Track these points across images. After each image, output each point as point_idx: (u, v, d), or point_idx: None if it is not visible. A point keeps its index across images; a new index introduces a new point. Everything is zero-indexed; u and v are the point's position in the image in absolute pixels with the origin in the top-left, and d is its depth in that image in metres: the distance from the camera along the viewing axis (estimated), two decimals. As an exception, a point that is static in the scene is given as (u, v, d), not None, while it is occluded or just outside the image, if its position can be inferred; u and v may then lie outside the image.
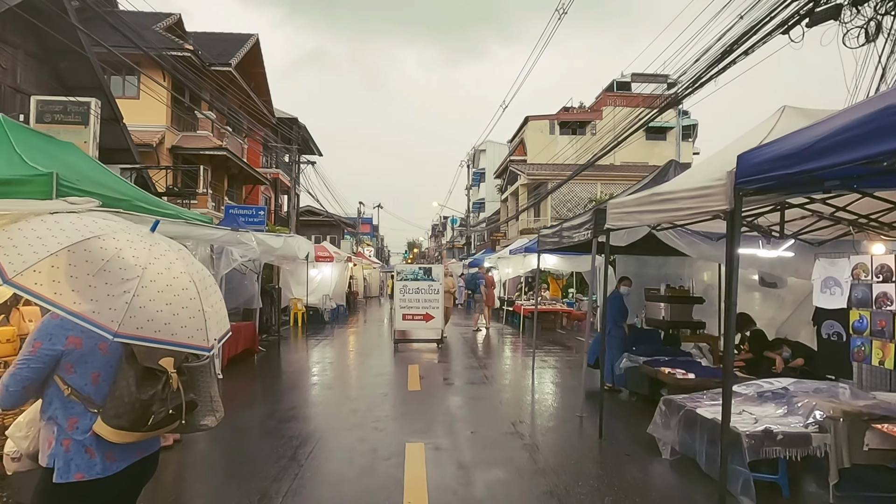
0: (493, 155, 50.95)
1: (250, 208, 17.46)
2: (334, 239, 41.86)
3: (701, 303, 7.42)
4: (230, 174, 24.50)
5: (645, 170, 32.77)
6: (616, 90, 38.61)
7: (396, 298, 10.99)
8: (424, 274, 10.98)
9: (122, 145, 15.52)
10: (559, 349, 11.58)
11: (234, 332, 8.87)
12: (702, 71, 8.19)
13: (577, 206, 29.55)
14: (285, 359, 9.92)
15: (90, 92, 14.22)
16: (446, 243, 69.04)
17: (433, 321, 10.99)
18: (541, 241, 8.45)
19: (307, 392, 6.90)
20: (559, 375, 8.45)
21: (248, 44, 24.53)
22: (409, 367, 8.56)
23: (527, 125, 36.87)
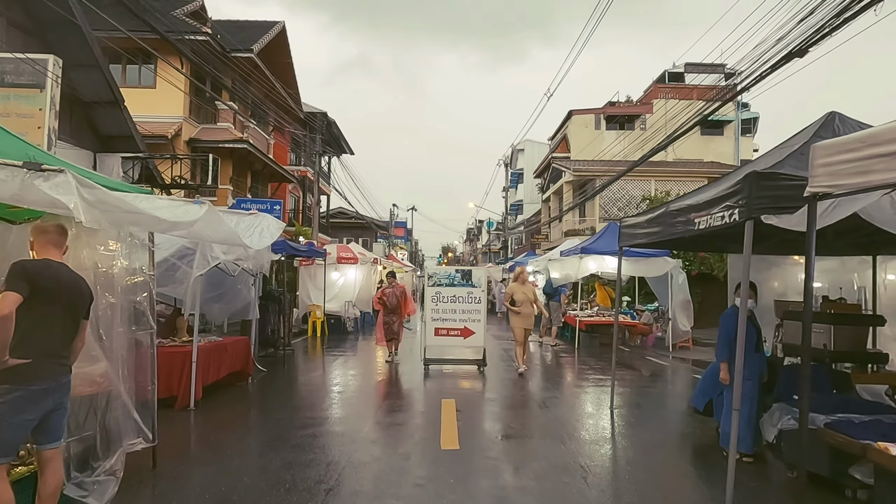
0: (532, 154, 48.49)
1: (265, 202, 15.71)
2: (366, 242, 40.30)
3: (881, 324, 4.96)
4: (254, 170, 22.90)
5: (701, 167, 29.85)
6: (668, 81, 35.66)
7: (428, 308, 8.82)
8: (463, 278, 8.79)
9: (124, 132, 13.88)
10: (632, 375, 9.19)
11: (217, 350, 6.84)
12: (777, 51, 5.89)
13: (628, 205, 26.88)
14: (283, 386, 7.88)
15: (86, 70, 12.64)
16: (482, 247, 66.73)
17: (473, 338, 8.77)
18: (625, 235, 6.14)
19: (289, 451, 4.68)
20: (654, 424, 6.09)
21: (274, 31, 22.91)
22: (443, 404, 6.36)
23: (570, 120, 34.32)
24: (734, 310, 4.68)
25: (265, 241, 5.40)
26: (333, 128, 28.48)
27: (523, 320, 8.66)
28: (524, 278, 8.90)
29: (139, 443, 3.99)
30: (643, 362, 10.60)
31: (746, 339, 4.60)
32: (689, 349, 12.61)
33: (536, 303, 8.79)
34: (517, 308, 8.57)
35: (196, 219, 3.77)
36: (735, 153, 33.98)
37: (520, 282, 8.80)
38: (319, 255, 11.82)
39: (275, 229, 5.57)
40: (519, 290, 8.65)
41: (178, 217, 3.61)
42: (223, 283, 8.05)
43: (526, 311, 8.61)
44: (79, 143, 12.98)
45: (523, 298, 8.57)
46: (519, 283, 8.81)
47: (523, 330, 8.70)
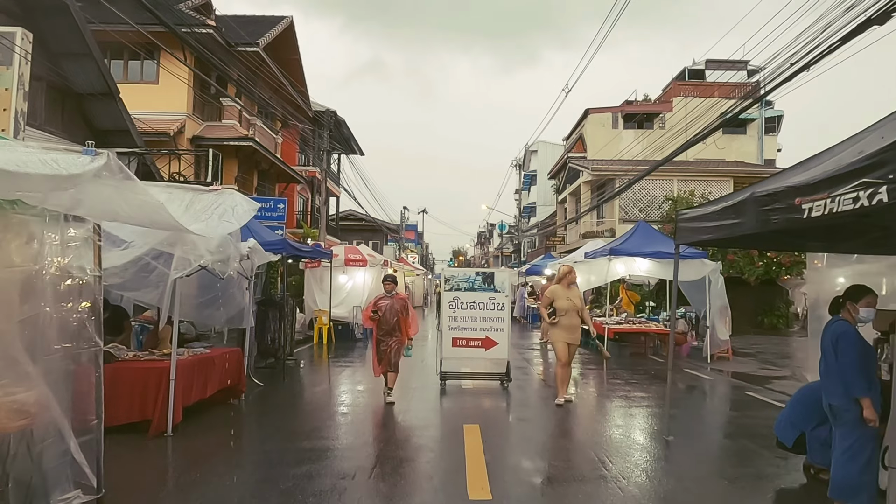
0: (546, 156, 47.45)
1: (268, 200, 14.81)
2: (376, 245, 39.53)
3: None
4: (260, 169, 22.09)
5: (727, 166, 28.60)
6: (688, 79, 34.47)
7: (444, 316, 7.82)
8: (484, 282, 7.78)
9: (120, 126, 13.08)
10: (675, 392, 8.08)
11: (202, 365, 5.64)
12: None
13: (649, 205, 25.72)
14: (280, 405, 6.92)
15: (79, 59, 11.85)
16: (494, 250, 65.65)
17: (496, 349, 7.75)
18: (685, 231, 5.10)
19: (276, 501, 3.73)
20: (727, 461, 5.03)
21: (281, 26, 22.11)
22: (466, 431, 5.35)
23: (586, 119, 33.22)
24: (845, 325, 3.63)
25: (227, 226, 4.38)
26: (343, 128, 27.65)
27: (568, 333, 6.69)
28: (571, 279, 6.91)
29: (75, 497, 3.04)
30: (682, 375, 9.51)
31: (868, 362, 3.57)
32: (728, 360, 11.51)
33: (584, 313, 6.99)
34: (560, 319, 6.67)
35: (77, 174, 2.44)
36: (758, 152, 32.71)
37: (564, 284, 6.85)
38: (325, 256, 10.89)
39: (243, 211, 4.59)
40: (563, 296, 6.71)
41: (29, 168, 2.26)
42: (214, 287, 7.11)
43: (572, 323, 6.69)
44: (70, 137, 12.16)
45: (569, 306, 6.66)
46: (563, 286, 6.85)
47: (567, 346, 6.72)
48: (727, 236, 4.42)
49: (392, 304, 6.79)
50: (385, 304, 6.77)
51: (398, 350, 6.75)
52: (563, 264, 8.10)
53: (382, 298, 6.85)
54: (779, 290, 20.05)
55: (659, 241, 11.87)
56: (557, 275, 7.26)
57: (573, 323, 6.76)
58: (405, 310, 6.83)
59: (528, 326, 18.81)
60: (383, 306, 6.75)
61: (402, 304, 6.86)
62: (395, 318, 6.72)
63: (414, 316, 6.93)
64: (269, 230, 9.32)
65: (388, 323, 6.70)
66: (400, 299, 6.91)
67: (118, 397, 5.22)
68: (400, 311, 6.75)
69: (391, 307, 6.75)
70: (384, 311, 6.71)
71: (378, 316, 6.70)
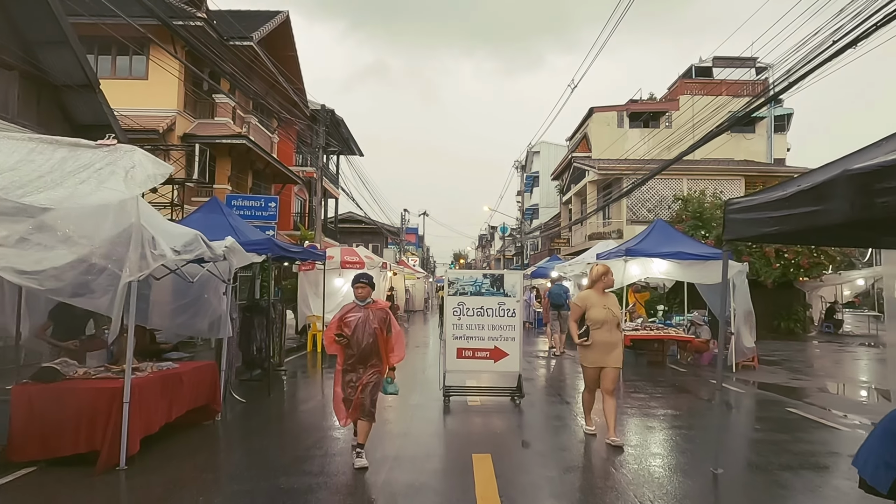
0: (548, 157, 46.77)
1: (258, 198, 14.00)
2: (377, 247, 38.90)
3: None
4: (255, 169, 21.32)
5: (738, 165, 27.77)
6: (695, 77, 33.71)
7: (448, 323, 6.96)
8: (492, 285, 6.92)
9: (101, 120, 12.24)
10: (707, 408, 7.26)
11: (166, 383, 4.28)
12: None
13: (658, 205, 24.87)
14: (261, 427, 6.05)
15: (55, 48, 11.07)
16: (495, 253, 64.80)
17: (506, 361, 6.89)
18: (737, 224, 4.26)
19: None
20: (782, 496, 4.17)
21: (276, 20, 21.37)
22: (476, 463, 4.50)
23: (591, 118, 32.44)
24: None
25: (107, 195, 3.41)
26: (342, 127, 26.90)
27: (605, 353, 5.13)
28: (608, 282, 5.34)
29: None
30: (709, 388, 8.65)
31: None
32: (754, 369, 10.64)
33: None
34: (594, 334, 5.15)
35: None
36: (768, 151, 31.92)
37: (599, 289, 5.30)
38: (317, 257, 10.05)
39: (145, 177, 3.70)
40: (599, 304, 5.18)
41: None
42: (187, 292, 6.29)
43: (611, 339, 5.16)
44: (47, 131, 11.34)
45: (606, 317, 5.13)
46: (597, 291, 5.31)
47: (600, 372, 5.20)
48: (799, 228, 3.58)
49: (366, 318, 4.62)
50: (356, 319, 4.62)
51: (375, 387, 4.58)
52: (596, 263, 6.21)
53: (353, 310, 4.71)
54: (796, 294, 19.20)
55: (678, 240, 11.03)
56: (590, 276, 5.49)
57: (612, 339, 5.17)
58: (386, 325, 4.72)
59: (533, 331, 17.95)
60: (353, 321, 4.61)
61: (381, 316, 4.69)
62: (370, 337, 4.58)
63: (399, 335, 4.80)
64: (253, 228, 8.51)
65: (361, 345, 4.56)
66: (379, 310, 4.74)
67: (61, 423, 4.39)
68: (379, 327, 4.63)
69: (365, 322, 4.60)
70: (355, 328, 4.58)
71: (346, 339, 4.57)
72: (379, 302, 4.92)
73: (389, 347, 4.73)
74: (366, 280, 4.78)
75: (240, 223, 8.53)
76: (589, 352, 5.24)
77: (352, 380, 4.63)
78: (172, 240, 5.02)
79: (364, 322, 4.62)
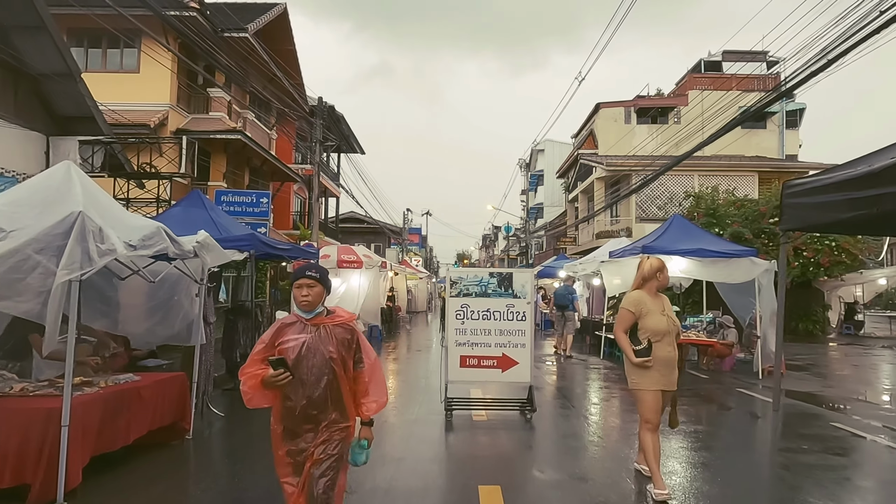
0: (553, 155, 46.01)
1: (249, 194, 13.27)
2: (379, 247, 38.31)
3: None
4: (252, 166, 20.63)
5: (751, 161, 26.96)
6: (704, 71, 32.92)
7: (450, 328, 6.20)
8: (500, 286, 6.17)
9: (84, 112, 11.55)
10: (743, 423, 6.49)
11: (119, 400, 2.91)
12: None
13: (668, 202, 24.07)
14: (237, 447, 5.32)
15: (31, 34, 10.38)
16: (500, 253, 64.03)
17: (516, 370, 6.14)
18: (800, 210, 3.52)
19: None
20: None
21: (273, 13, 20.67)
22: (482, 496, 3.76)
23: (597, 114, 31.67)
24: None
25: None
26: (342, 124, 26.23)
27: (665, 374, 3.92)
28: (664, 281, 4.09)
29: None
30: (737, 398, 7.88)
31: None
32: (782, 376, 9.84)
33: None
34: (655, 351, 3.87)
35: None
36: (779, 147, 31.11)
37: (651, 290, 4.06)
38: (308, 255, 9.32)
39: None
40: (654, 311, 3.94)
41: None
42: (155, 294, 5.57)
43: (671, 356, 3.94)
44: (27, 124, 10.69)
45: (667, 327, 3.93)
46: (648, 291, 4.05)
47: (659, 396, 3.94)
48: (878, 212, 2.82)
49: (316, 343, 2.68)
50: (297, 344, 2.68)
51: (337, 462, 2.69)
52: (649, 256, 4.54)
53: (292, 329, 2.73)
54: (815, 294, 18.37)
55: (698, 236, 10.27)
56: (640, 273, 4.15)
57: (672, 356, 3.96)
58: (353, 352, 2.77)
59: (540, 333, 17.18)
60: (294, 348, 2.67)
61: (343, 338, 2.73)
62: (325, 374, 2.66)
63: (375, 368, 2.83)
64: (239, 224, 7.80)
65: (309, 389, 2.66)
66: (339, 327, 2.75)
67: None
68: (339, 356, 2.70)
69: (315, 349, 2.67)
70: (297, 359, 2.65)
71: (280, 377, 2.57)
72: (339, 313, 2.77)
73: (361, 390, 2.75)
74: (314, 275, 2.68)
75: (224, 218, 7.82)
76: (650, 372, 3.88)
77: (298, 449, 2.66)
78: (128, 232, 4.30)
79: (313, 349, 2.62)
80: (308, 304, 2.68)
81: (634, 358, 3.90)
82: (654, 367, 3.89)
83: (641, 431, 4.01)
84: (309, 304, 2.68)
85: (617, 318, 4.24)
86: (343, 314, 2.82)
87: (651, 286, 4.09)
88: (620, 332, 4.05)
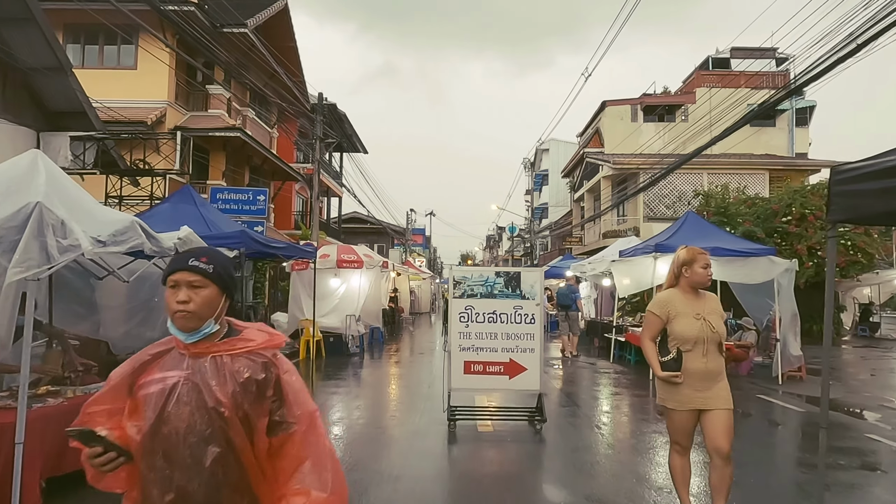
0: (558, 154, 45.58)
1: (245, 191, 12.90)
2: (382, 248, 37.96)
3: None
4: (252, 165, 20.28)
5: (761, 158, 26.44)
6: (712, 68, 32.42)
7: (454, 331, 5.77)
8: (507, 286, 5.73)
9: (75, 107, 11.19)
10: (769, 435, 6.03)
11: None
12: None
13: (677, 201, 23.57)
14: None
15: (19, 25, 10.03)
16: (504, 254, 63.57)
17: (524, 377, 5.70)
18: (847, 199, 3.05)
19: None
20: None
21: (273, 8, 20.30)
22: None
23: (603, 112, 31.21)
24: None
25: None
26: (345, 123, 25.87)
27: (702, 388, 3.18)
28: (700, 276, 3.26)
29: None
30: (759, 405, 7.41)
31: None
32: (801, 380, 9.38)
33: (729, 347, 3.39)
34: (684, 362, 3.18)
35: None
36: (789, 145, 30.55)
37: (685, 287, 3.31)
38: (305, 254, 8.91)
39: None
40: (687, 311, 3.23)
41: None
42: (135, 295, 5.16)
43: (707, 367, 3.17)
44: (17, 120, 10.33)
45: (700, 333, 3.17)
46: (684, 289, 3.32)
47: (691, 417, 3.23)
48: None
49: (199, 384, 1.41)
50: (164, 387, 1.42)
51: None
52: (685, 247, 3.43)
53: (163, 353, 1.49)
54: (829, 294, 17.84)
55: (713, 234, 9.81)
56: (671, 267, 3.38)
57: (712, 366, 3.17)
58: (264, 398, 1.44)
59: (546, 335, 16.71)
60: (157, 392, 1.41)
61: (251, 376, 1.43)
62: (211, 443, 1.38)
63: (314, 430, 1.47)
64: (231, 221, 7.40)
65: (184, 469, 1.38)
66: (247, 358, 1.45)
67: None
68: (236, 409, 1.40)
69: (193, 395, 1.41)
70: (160, 411, 1.39)
71: (104, 462, 1.37)
72: (249, 334, 1.51)
73: (284, 471, 1.45)
74: (201, 267, 1.46)
75: (215, 215, 7.43)
76: (679, 388, 3.19)
77: None
78: (98, 227, 3.89)
79: (187, 398, 1.41)
80: (188, 319, 1.42)
81: (659, 371, 3.23)
82: (683, 381, 3.17)
83: (670, 452, 3.43)
84: (189, 317, 1.42)
85: (643, 323, 3.60)
86: (256, 336, 1.50)
87: (684, 283, 3.30)
88: (646, 340, 3.36)
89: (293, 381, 1.50)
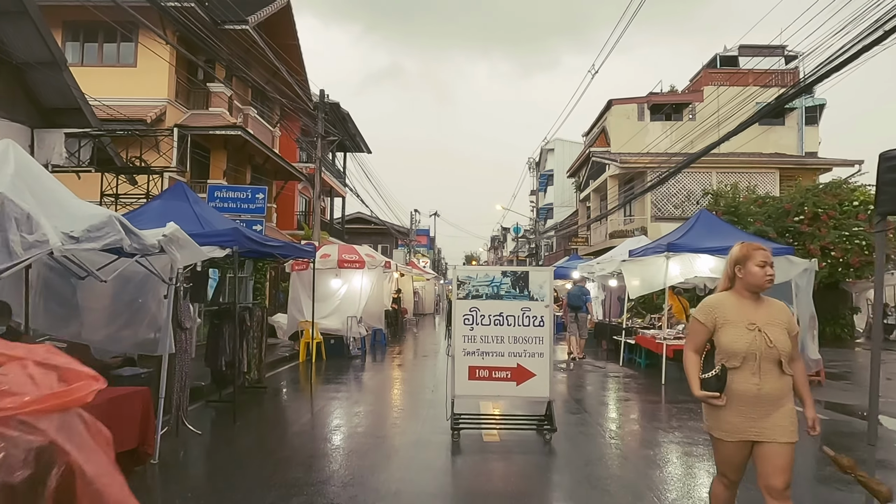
0: (563, 154, 45.21)
1: (244, 189, 12.59)
2: (386, 248, 37.68)
3: None
4: (254, 164, 20.03)
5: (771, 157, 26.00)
6: (720, 66, 31.97)
7: (457, 335, 5.44)
8: (514, 286, 5.39)
9: (71, 103, 10.99)
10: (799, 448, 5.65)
11: None
12: None
13: (685, 200, 23.17)
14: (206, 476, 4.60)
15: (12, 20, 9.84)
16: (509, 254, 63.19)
17: (532, 382, 5.35)
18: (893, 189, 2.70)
19: None
20: None
21: (275, 5, 20.04)
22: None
23: (609, 111, 30.82)
24: None
25: None
26: (349, 122, 25.60)
27: (756, 416, 2.58)
28: (757, 277, 2.63)
29: None
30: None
31: None
32: (820, 385, 9.00)
33: (797, 368, 2.71)
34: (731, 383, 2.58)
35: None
36: (798, 144, 30.08)
37: (741, 291, 2.70)
38: (303, 253, 8.60)
39: None
40: (735, 323, 2.62)
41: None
42: (119, 295, 4.86)
43: (764, 389, 2.55)
44: (10, 116, 10.11)
45: (744, 346, 2.56)
46: (738, 293, 2.71)
47: (741, 449, 2.64)
48: None
49: None
50: None
51: None
52: (741, 243, 2.80)
53: None
54: (842, 296, 17.40)
55: (727, 232, 9.42)
56: (730, 260, 2.77)
57: (769, 390, 2.56)
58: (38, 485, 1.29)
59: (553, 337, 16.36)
60: None
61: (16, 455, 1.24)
62: None
63: None
64: (225, 219, 7.10)
65: None
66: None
67: None
68: None
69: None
70: None
71: None
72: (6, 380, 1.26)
73: None
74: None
75: (208, 213, 7.10)
76: (723, 412, 2.62)
77: None
78: (71, 222, 3.59)
79: None
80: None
81: (697, 390, 2.65)
82: (730, 405, 2.58)
83: (714, 479, 2.88)
84: None
85: (688, 332, 2.89)
86: (20, 384, 0.92)
87: (740, 285, 2.69)
88: (688, 351, 2.77)
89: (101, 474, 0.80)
